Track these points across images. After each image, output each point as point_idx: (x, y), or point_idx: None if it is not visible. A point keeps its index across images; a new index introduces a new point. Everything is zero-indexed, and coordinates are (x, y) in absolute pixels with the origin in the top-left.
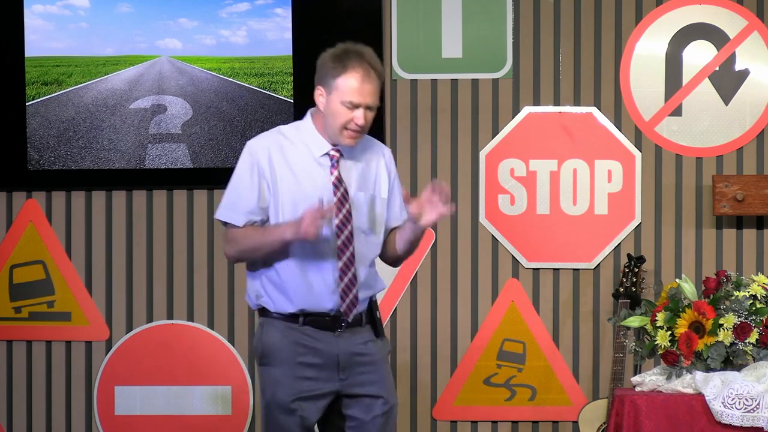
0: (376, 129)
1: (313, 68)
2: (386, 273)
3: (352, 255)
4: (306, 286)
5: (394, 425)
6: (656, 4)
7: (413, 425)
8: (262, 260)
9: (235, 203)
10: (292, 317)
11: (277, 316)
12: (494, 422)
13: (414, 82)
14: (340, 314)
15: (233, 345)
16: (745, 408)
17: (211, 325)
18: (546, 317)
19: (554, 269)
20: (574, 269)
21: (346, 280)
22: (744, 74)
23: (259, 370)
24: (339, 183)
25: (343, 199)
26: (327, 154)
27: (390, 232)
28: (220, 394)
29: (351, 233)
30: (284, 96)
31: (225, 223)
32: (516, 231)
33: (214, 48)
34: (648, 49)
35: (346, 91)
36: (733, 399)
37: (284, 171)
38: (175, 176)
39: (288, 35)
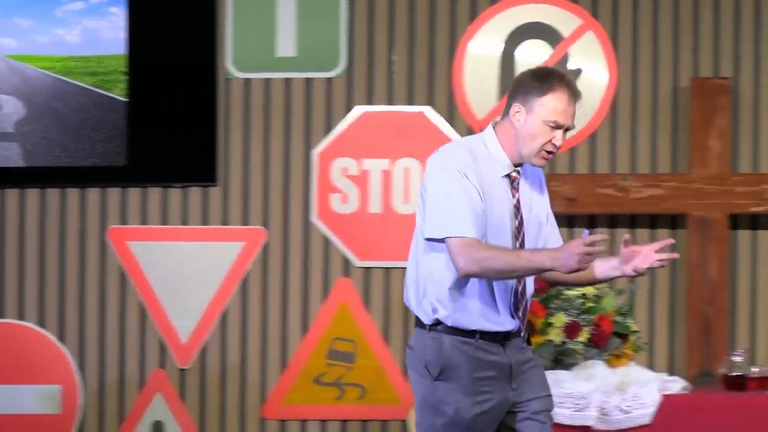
0: (206, 129)
1: (146, 66)
2: (216, 272)
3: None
4: (492, 307)
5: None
6: (490, 3)
7: (242, 425)
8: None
9: (460, 215)
10: (469, 333)
11: (453, 331)
12: (323, 421)
13: (248, 80)
14: (515, 332)
15: (63, 343)
16: (575, 407)
17: (41, 324)
18: (377, 316)
19: (385, 268)
20: (404, 268)
21: (524, 301)
22: (576, 74)
23: (430, 386)
24: (519, 207)
25: (520, 224)
26: (508, 175)
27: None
28: (49, 393)
29: None
30: (118, 95)
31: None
32: (348, 230)
33: (48, 46)
34: (482, 48)
35: (552, 110)
36: (563, 399)
37: (481, 190)
38: (6, 175)
39: (122, 34)
